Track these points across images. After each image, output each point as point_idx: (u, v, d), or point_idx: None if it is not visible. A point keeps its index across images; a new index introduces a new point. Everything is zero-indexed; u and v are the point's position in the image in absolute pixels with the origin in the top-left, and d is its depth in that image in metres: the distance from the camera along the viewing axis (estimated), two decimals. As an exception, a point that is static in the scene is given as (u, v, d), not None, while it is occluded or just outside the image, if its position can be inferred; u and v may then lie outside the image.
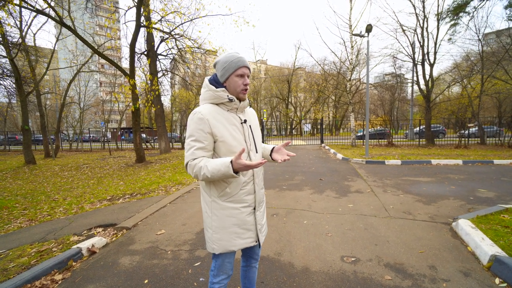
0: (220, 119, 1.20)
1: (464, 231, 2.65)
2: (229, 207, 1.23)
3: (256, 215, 1.31)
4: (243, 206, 1.26)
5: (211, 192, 1.25)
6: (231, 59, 1.21)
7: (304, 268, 2.17)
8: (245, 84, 1.23)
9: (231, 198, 1.23)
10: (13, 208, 4.78)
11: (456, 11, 11.86)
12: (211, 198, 1.25)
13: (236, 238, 1.26)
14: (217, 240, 1.25)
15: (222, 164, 1.09)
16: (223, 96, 1.21)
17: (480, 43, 12.30)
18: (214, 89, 1.21)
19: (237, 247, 1.26)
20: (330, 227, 3.04)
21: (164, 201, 4.33)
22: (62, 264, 2.25)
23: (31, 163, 10.45)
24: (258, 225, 1.32)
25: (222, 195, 1.23)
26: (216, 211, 1.24)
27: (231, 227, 1.24)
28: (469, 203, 3.81)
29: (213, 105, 1.23)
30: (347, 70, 14.32)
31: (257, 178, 1.32)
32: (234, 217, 1.24)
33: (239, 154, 1.04)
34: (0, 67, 11.91)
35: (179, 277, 2.08)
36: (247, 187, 1.27)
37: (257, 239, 1.32)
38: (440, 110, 16.45)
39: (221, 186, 1.22)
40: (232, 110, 1.26)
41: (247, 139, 1.28)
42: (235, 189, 1.23)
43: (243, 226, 1.27)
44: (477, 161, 7.51)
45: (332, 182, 5.41)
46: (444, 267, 2.14)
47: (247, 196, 1.27)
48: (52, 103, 22.38)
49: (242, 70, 1.21)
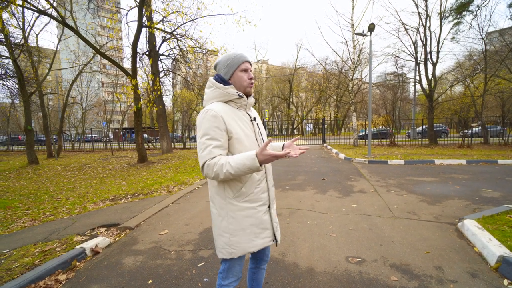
0: (232, 116, 1.18)
1: (470, 232, 2.61)
2: (246, 207, 1.21)
3: (271, 213, 1.31)
4: (259, 205, 1.24)
5: (226, 194, 1.20)
6: (232, 56, 1.22)
7: (308, 268, 2.16)
8: (250, 78, 1.23)
9: (247, 198, 1.21)
10: (17, 208, 4.79)
11: (459, 9, 11.78)
12: (226, 200, 1.21)
13: (255, 239, 1.23)
14: (236, 244, 1.20)
15: (247, 157, 1.05)
16: (232, 93, 1.19)
17: (483, 42, 12.20)
18: (222, 86, 1.19)
19: (256, 248, 1.24)
20: (334, 227, 3.01)
21: (166, 201, 4.32)
22: (66, 264, 2.25)
23: (34, 163, 10.49)
24: (274, 223, 1.31)
25: (238, 195, 1.20)
26: (232, 213, 1.20)
27: (249, 228, 1.21)
28: (474, 203, 3.77)
29: (222, 103, 1.21)
30: (349, 70, 14.26)
31: (269, 175, 1.31)
32: (251, 217, 1.22)
33: (266, 144, 1.02)
34: (3, 67, 11.99)
35: (183, 277, 2.07)
36: (261, 184, 1.26)
37: (274, 237, 1.31)
38: (442, 110, 16.36)
39: (236, 186, 1.19)
40: (241, 107, 1.25)
41: (258, 137, 1.28)
42: (250, 188, 1.21)
43: (260, 225, 1.24)
44: (481, 160, 7.44)
45: (335, 182, 5.38)
46: (451, 268, 2.11)
47: (262, 194, 1.26)
48: (55, 103, 22.48)
49: (245, 65, 1.22)
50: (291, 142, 1.33)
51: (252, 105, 1.32)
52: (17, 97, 14.59)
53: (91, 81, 22.36)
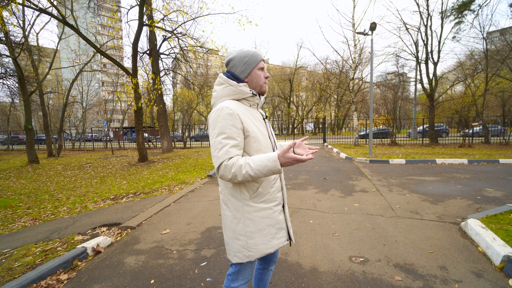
0: (247, 115, 1.15)
1: (474, 231, 2.60)
2: (263, 207, 1.18)
3: (285, 212, 1.30)
4: (275, 205, 1.23)
5: (242, 196, 1.16)
6: (249, 53, 1.18)
7: (312, 268, 2.14)
8: (266, 77, 1.23)
9: (264, 198, 1.18)
10: (17, 207, 4.78)
11: (460, 9, 11.74)
12: (242, 202, 1.16)
13: (272, 240, 1.20)
14: (253, 246, 1.16)
15: (269, 159, 1.02)
16: (246, 91, 1.16)
17: (484, 41, 12.16)
18: (236, 84, 1.15)
19: (273, 249, 1.21)
20: (336, 226, 3.00)
21: (168, 200, 4.31)
22: (68, 264, 2.23)
23: (34, 162, 10.48)
24: (288, 222, 1.31)
25: (254, 196, 1.16)
26: (249, 215, 1.16)
27: (266, 229, 1.19)
28: (477, 202, 3.75)
29: (234, 101, 1.16)
30: (349, 69, 14.23)
31: (282, 174, 1.30)
32: (268, 217, 1.19)
33: (289, 147, 1.01)
34: (3, 66, 11.96)
35: (186, 277, 2.05)
36: (276, 184, 1.24)
37: (288, 237, 1.30)
38: (443, 109, 16.32)
39: (253, 187, 1.16)
40: (253, 106, 1.23)
41: (270, 135, 1.27)
42: (266, 188, 1.18)
43: (277, 225, 1.23)
44: (483, 160, 7.43)
45: (336, 181, 5.37)
46: (455, 267, 2.10)
47: (278, 194, 1.25)
48: (55, 102, 22.48)
49: (262, 63, 1.21)
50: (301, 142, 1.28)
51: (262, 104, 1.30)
52: (17, 96, 14.56)
53: (92, 80, 22.32)
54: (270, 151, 1.22)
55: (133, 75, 8.39)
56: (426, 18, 12.33)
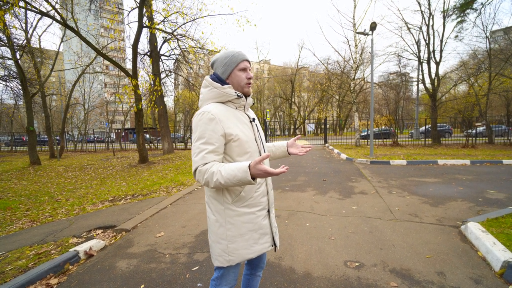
0: (231, 118, 1.13)
1: (474, 235, 2.53)
2: (246, 212, 1.16)
3: (270, 217, 1.26)
4: (259, 210, 1.20)
5: (224, 199, 1.15)
6: (230, 54, 1.16)
7: (305, 273, 2.09)
8: (248, 78, 1.17)
9: (247, 202, 1.16)
10: (17, 209, 4.79)
11: (462, 8, 11.61)
12: (224, 206, 1.15)
13: (254, 245, 1.18)
14: (234, 251, 1.15)
15: (239, 169, 0.98)
16: (230, 93, 1.14)
17: (487, 40, 12.02)
18: (220, 86, 1.14)
19: (255, 254, 1.19)
20: (333, 230, 2.95)
21: (165, 203, 4.29)
22: (59, 268, 2.21)
23: (36, 163, 10.55)
24: (273, 227, 1.27)
25: (237, 200, 1.14)
26: (230, 219, 1.15)
27: (248, 234, 1.17)
28: (478, 205, 3.67)
29: (220, 104, 1.15)
30: (351, 69, 14.14)
31: (268, 178, 1.25)
32: (250, 222, 1.17)
33: (261, 159, 0.95)
34: (6, 69, 12.08)
35: (176, 282, 2.02)
36: (260, 188, 1.21)
37: (273, 242, 1.27)
38: (446, 109, 16.14)
39: (235, 191, 1.14)
40: (240, 108, 1.20)
41: (257, 139, 1.22)
42: (250, 192, 1.16)
43: (260, 230, 1.20)
44: (486, 161, 7.31)
45: (335, 183, 5.31)
46: (453, 273, 2.04)
47: (262, 198, 1.21)
48: (58, 104, 22.65)
49: (244, 64, 1.16)
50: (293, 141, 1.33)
51: (250, 106, 1.27)
52: (20, 98, 14.70)
53: (94, 82, 22.47)
54: (257, 155, 1.19)
55: (133, 76, 8.41)
56: (427, 18, 12.23)
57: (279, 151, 1.41)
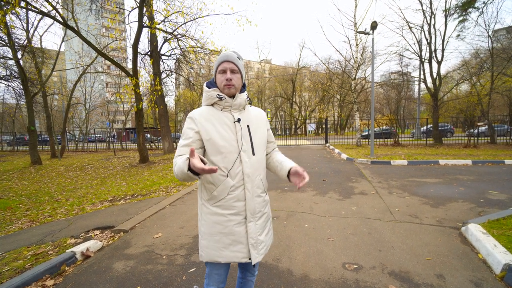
0: (210, 119, 1.17)
1: (474, 237, 2.50)
2: (217, 212, 1.17)
3: (248, 226, 1.18)
4: (231, 214, 1.17)
5: (202, 195, 1.22)
6: (218, 57, 1.21)
7: (303, 275, 2.07)
8: (226, 79, 1.16)
9: (219, 203, 1.17)
10: (17, 209, 4.80)
11: (464, 6, 11.51)
12: (201, 201, 1.23)
13: (223, 249, 1.17)
14: (204, 247, 1.21)
15: (183, 159, 1.01)
16: (213, 96, 1.19)
17: (490, 39, 11.91)
18: (206, 89, 1.21)
19: (224, 259, 1.17)
20: (332, 231, 2.92)
21: (163, 203, 4.28)
22: (55, 269, 2.20)
23: (37, 163, 10.59)
24: (251, 239, 1.18)
25: (210, 198, 1.18)
26: (204, 215, 1.21)
27: (217, 235, 1.18)
28: (480, 206, 3.64)
29: (208, 106, 1.22)
30: (352, 69, 14.08)
31: (249, 183, 1.17)
32: (220, 224, 1.17)
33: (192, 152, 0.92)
34: (8, 69, 12.13)
35: (172, 284, 2.01)
36: (235, 192, 1.16)
37: (249, 255, 1.18)
38: (448, 109, 16.03)
39: (210, 189, 1.17)
40: (225, 109, 1.20)
41: (240, 139, 1.17)
42: (222, 193, 1.16)
43: (230, 236, 1.17)
44: (487, 161, 7.25)
45: (335, 183, 5.28)
46: (453, 276, 2.01)
47: (236, 203, 1.17)
48: (59, 104, 22.73)
49: (222, 66, 1.17)
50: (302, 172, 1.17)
51: (242, 106, 1.22)
52: (22, 98, 14.76)
53: (95, 81, 22.52)
54: (233, 155, 1.15)
55: (134, 76, 8.41)
56: (429, 17, 12.14)
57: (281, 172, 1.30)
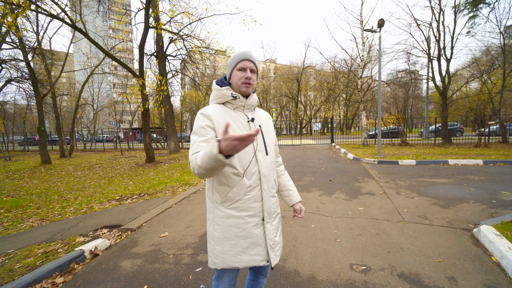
0: (225, 116, 1.13)
1: (487, 239, 2.43)
2: (233, 215, 1.11)
3: (265, 227, 1.16)
4: (248, 215, 1.13)
5: (214, 198, 1.15)
6: (234, 55, 1.17)
7: (310, 276, 2.05)
8: (246, 78, 1.13)
9: (235, 205, 1.11)
10: (28, 207, 4.91)
11: (475, 2, 11.23)
12: (214, 205, 1.15)
13: (241, 253, 1.12)
14: (219, 253, 1.13)
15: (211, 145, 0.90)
16: (226, 94, 1.16)
17: (501, 35, 11.59)
18: (218, 88, 1.17)
19: (242, 264, 1.12)
20: (339, 231, 2.89)
21: (170, 202, 4.31)
22: (64, 267, 2.24)
23: (47, 163, 10.82)
24: (269, 240, 1.16)
25: (224, 200, 1.12)
26: (218, 219, 1.14)
27: (234, 239, 1.12)
28: (492, 207, 3.54)
29: (219, 105, 1.18)
30: (358, 68, 13.91)
31: (265, 183, 1.16)
32: (237, 227, 1.12)
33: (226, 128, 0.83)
34: (19, 70, 12.44)
35: (179, 283, 2.01)
36: (252, 192, 1.13)
37: (267, 258, 1.16)
38: (457, 107, 15.69)
39: (224, 190, 1.12)
40: (238, 109, 1.18)
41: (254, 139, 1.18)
42: (238, 194, 1.11)
43: (248, 239, 1.12)
44: (499, 161, 7.05)
45: (342, 183, 5.22)
46: (465, 279, 1.95)
47: (254, 204, 1.14)
48: (68, 104, 23.19)
49: (242, 63, 1.14)
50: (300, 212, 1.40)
51: (254, 106, 1.23)
52: (32, 99, 15.12)
53: (102, 82, 22.89)
54: (248, 154, 1.13)
55: (140, 76, 8.50)
56: (438, 13, 11.88)
57: (286, 200, 1.43)
